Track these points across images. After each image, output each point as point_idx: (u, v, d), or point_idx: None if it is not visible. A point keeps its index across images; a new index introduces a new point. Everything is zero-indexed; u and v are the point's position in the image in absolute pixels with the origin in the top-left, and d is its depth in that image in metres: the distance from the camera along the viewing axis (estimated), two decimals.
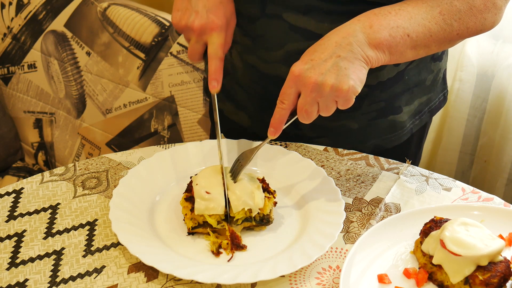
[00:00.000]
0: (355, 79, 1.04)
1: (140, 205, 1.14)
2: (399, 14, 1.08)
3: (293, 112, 1.07)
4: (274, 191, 1.13)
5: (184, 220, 1.10)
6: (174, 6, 1.18)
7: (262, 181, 1.14)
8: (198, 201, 1.07)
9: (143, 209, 1.14)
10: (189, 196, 1.10)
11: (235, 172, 1.12)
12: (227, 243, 1.07)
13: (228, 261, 1.05)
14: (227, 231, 1.07)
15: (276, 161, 1.24)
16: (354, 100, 1.05)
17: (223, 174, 1.12)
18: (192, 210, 1.08)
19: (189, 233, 1.10)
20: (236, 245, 1.07)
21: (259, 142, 1.25)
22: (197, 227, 1.08)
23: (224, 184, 1.10)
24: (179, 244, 1.08)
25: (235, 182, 1.10)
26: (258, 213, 1.09)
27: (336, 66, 1.03)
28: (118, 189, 1.15)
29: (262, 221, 1.09)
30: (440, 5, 1.09)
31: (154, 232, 1.10)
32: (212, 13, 1.15)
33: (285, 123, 1.08)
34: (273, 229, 1.12)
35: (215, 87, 1.15)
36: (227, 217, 1.08)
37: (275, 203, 1.13)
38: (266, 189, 1.12)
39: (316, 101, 1.04)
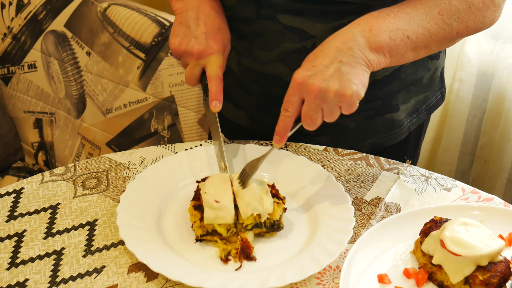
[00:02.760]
0: (358, 84, 1.04)
1: (148, 210, 1.13)
2: (398, 16, 1.08)
3: (298, 119, 1.07)
4: (284, 197, 1.13)
5: (192, 227, 1.10)
6: (172, 32, 1.20)
7: (272, 187, 1.13)
8: (207, 210, 1.06)
9: (151, 214, 1.13)
10: (198, 205, 1.09)
11: (241, 182, 1.11)
12: (236, 252, 1.06)
13: (236, 270, 1.04)
14: (238, 239, 1.07)
15: (284, 166, 1.23)
16: (357, 105, 1.05)
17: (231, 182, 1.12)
18: (201, 219, 1.07)
19: (197, 240, 1.09)
20: (246, 255, 1.06)
21: (266, 147, 1.25)
22: (206, 235, 1.08)
23: (233, 192, 1.10)
24: (187, 251, 1.07)
25: (243, 188, 1.10)
26: (268, 218, 1.08)
27: (339, 71, 1.03)
28: (125, 194, 1.14)
29: (272, 227, 1.09)
30: (438, 5, 1.09)
31: (161, 238, 1.09)
32: (210, 38, 1.17)
33: (290, 130, 1.08)
34: (282, 235, 1.11)
35: (217, 106, 1.16)
36: (236, 225, 1.08)
37: (285, 209, 1.12)
38: (275, 195, 1.12)
39: (320, 108, 1.04)
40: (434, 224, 1.05)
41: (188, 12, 1.20)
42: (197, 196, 1.11)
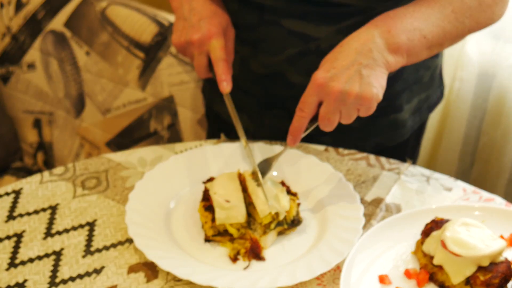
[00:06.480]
0: (378, 87, 1.04)
1: (156, 209, 1.13)
2: (414, 16, 1.08)
3: (312, 120, 1.07)
4: (296, 193, 1.13)
5: (202, 227, 1.10)
6: (173, 30, 1.21)
7: (283, 184, 1.14)
8: (218, 210, 1.06)
9: (159, 213, 1.13)
10: (208, 205, 1.09)
11: (256, 181, 1.11)
12: (245, 251, 1.06)
13: (244, 269, 1.04)
14: (248, 239, 1.07)
15: (293, 166, 1.23)
16: (375, 107, 1.05)
17: (245, 180, 1.12)
18: (213, 219, 1.07)
19: (206, 240, 1.09)
20: (255, 255, 1.06)
21: (275, 146, 1.25)
22: (217, 235, 1.08)
23: (243, 190, 1.10)
24: (196, 250, 1.07)
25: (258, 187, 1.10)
26: (285, 216, 1.08)
27: (359, 74, 1.03)
28: (134, 193, 1.14)
29: (293, 222, 1.09)
30: (451, 4, 1.10)
31: (170, 237, 1.09)
32: (207, 23, 1.17)
33: (304, 131, 1.07)
34: (291, 234, 1.11)
35: (225, 88, 1.16)
36: (249, 224, 1.08)
37: (299, 204, 1.12)
38: (288, 191, 1.12)
39: (338, 110, 1.04)
40: (435, 225, 1.04)
41: (183, 6, 1.20)
42: (206, 197, 1.11)
